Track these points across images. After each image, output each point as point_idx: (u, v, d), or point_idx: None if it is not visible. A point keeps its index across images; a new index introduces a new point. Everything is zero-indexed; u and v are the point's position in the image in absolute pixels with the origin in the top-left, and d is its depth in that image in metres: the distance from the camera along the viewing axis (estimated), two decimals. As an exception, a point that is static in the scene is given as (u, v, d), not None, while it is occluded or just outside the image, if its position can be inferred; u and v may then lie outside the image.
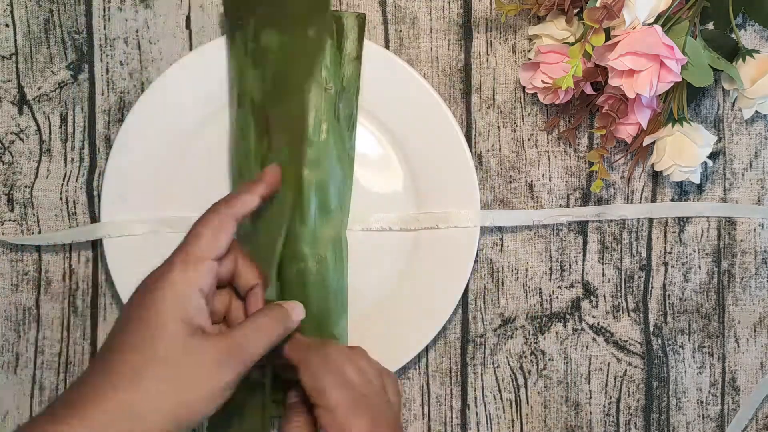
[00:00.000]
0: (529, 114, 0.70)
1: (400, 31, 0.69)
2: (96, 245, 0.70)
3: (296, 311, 0.60)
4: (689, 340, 0.71)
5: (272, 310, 0.58)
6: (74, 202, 0.70)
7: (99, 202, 0.69)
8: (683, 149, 0.65)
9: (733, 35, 0.66)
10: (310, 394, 0.58)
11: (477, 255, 0.70)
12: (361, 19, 0.67)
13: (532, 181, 0.70)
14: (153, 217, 0.68)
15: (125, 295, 0.67)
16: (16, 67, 0.70)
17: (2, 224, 0.70)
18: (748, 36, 0.69)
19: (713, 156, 0.70)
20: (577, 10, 0.65)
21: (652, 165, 0.67)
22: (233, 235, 0.57)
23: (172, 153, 0.68)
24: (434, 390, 0.71)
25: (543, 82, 0.65)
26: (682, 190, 0.71)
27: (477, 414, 0.71)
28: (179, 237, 0.69)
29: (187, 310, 0.54)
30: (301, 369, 0.58)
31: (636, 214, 0.70)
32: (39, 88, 0.70)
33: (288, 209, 0.62)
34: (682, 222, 0.71)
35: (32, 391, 0.71)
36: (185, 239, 0.56)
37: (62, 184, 0.70)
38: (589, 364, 0.71)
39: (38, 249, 0.70)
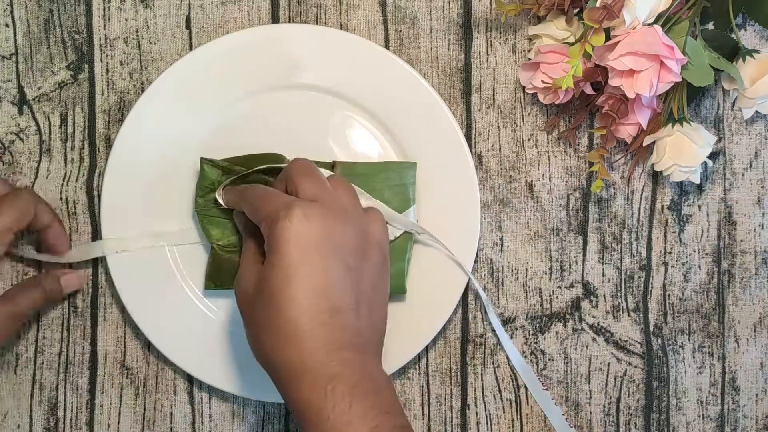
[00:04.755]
0: (529, 114, 0.70)
1: (400, 31, 0.69)
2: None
3: (68, 281, 0.69)
4: (689, 340, 0.71)
5: (46, 279, 0.68)
6: (74, 202, 0.70)
7: (99, 202, 0.69)
8: (683, 149, 0.65)
9: (733, 35, 0.67)
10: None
11: (477, 255, 0.70)
12: None
13: (532, 181, 0.70)
14: (153, 213, 0.68)
15: (125, 295, 0.67)
16: (16, 67, 0.70)
17: (2, 224, 0.70)
18: (748, 36, 0.69)
19: (713, 156, 0.70)
20: (577, 10, 0.65)
21: (652, 165, 0.67)
22: None
23: (172, 153, 0.68)
24: (434, 390, 0.71)
25: (543, 82, 0.65)
26: (682, 190, 0.71)
27: (477, 414, 0.71)
28: (174, 250, 0.69)
29: None
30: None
31: None
32: (39, 88, 0.70)
33: None
34: (682, 222, 0.71)
35: (32, 391, 0.71)
36: None
37: (62, 184, 0.70)
38: (589, 364, 0.71)
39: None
